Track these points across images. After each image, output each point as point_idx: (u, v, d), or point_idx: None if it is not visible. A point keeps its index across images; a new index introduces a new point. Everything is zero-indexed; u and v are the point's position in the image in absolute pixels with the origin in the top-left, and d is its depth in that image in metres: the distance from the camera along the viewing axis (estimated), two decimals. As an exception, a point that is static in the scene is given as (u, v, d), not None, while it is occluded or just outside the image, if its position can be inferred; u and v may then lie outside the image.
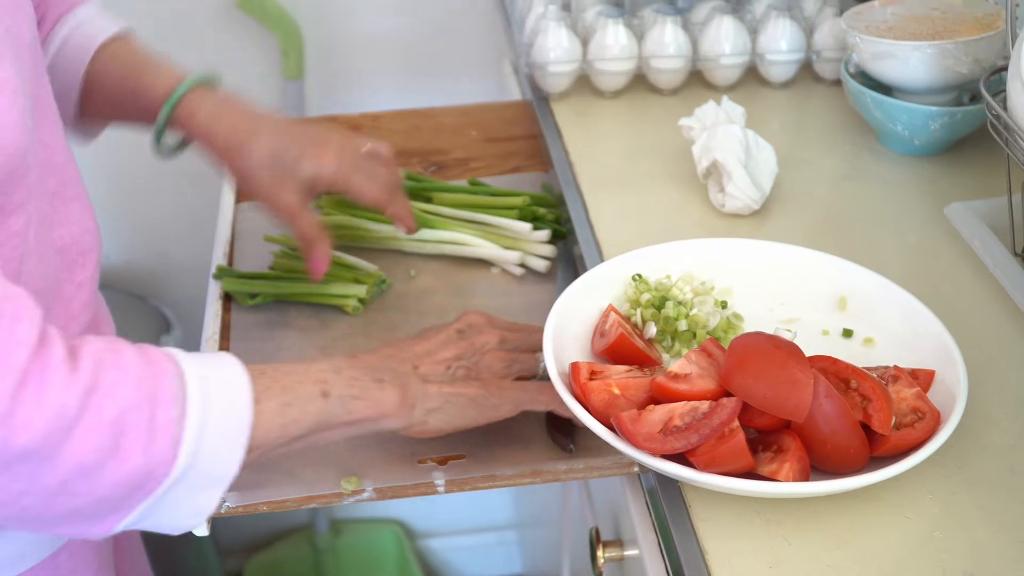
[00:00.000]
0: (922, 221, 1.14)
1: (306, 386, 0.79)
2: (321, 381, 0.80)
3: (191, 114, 1.01)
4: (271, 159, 1.00)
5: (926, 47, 1.17)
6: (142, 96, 1.01)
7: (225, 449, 0.73)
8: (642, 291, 0.98)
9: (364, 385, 0.82)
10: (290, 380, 0.78)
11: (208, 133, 1.01)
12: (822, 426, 0.79)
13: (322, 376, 0.80)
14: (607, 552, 0.99)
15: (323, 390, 0.79)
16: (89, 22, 1.03)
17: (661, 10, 1.37)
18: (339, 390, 0.80)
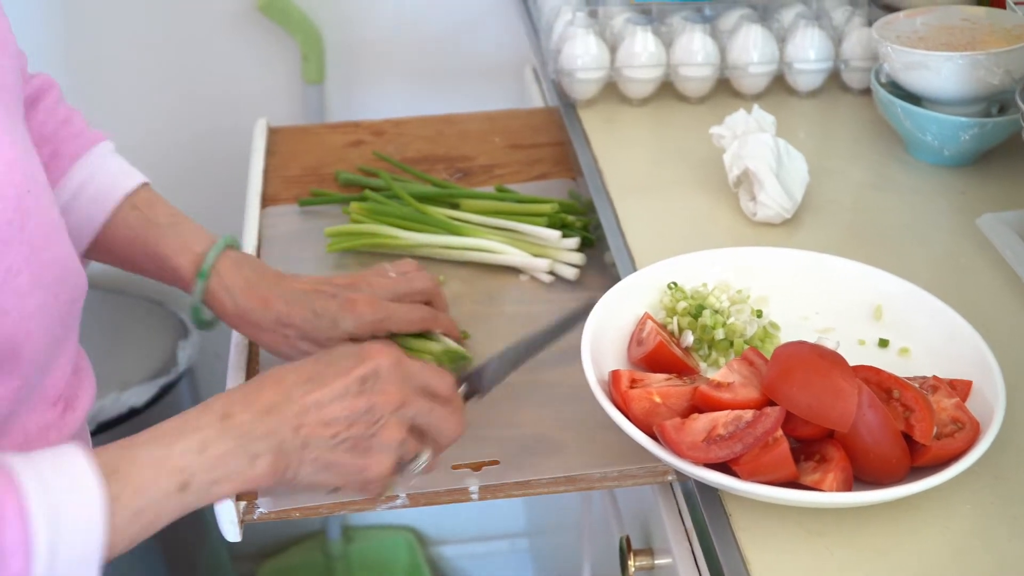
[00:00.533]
0: (952, 231, 1.14)
1: (162, 481, 0.72)
2: (180, 470, 0.73)
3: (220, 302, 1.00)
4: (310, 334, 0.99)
5: (958, 58, 1.17)
6: (164, 266, 1.01)
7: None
8: (678, 299, 0.98)
9: (231, 465, 0.75)
10: (145, 477, 0.71)
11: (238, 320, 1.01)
12: (865, 436, 0.79)
13: (182, 463, 0.73)
14: (638, 561, 0.98)
15: (182, 482, 0.73)
16: (107, 171, 1.01)
17: (689, 18, 1.37)
18: (201, 477, 0.73)
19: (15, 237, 0.76)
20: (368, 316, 0.99)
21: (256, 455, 0.75)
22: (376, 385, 0.81)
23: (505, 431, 0.97)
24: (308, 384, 0.79)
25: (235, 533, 0.90)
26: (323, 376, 0.80)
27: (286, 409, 0.78)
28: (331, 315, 0.99)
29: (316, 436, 0.78)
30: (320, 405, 0.79)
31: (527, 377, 1.04)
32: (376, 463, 0.81)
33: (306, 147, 1.42)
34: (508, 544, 2.28)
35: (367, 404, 0.80)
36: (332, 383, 0.79)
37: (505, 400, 1.01)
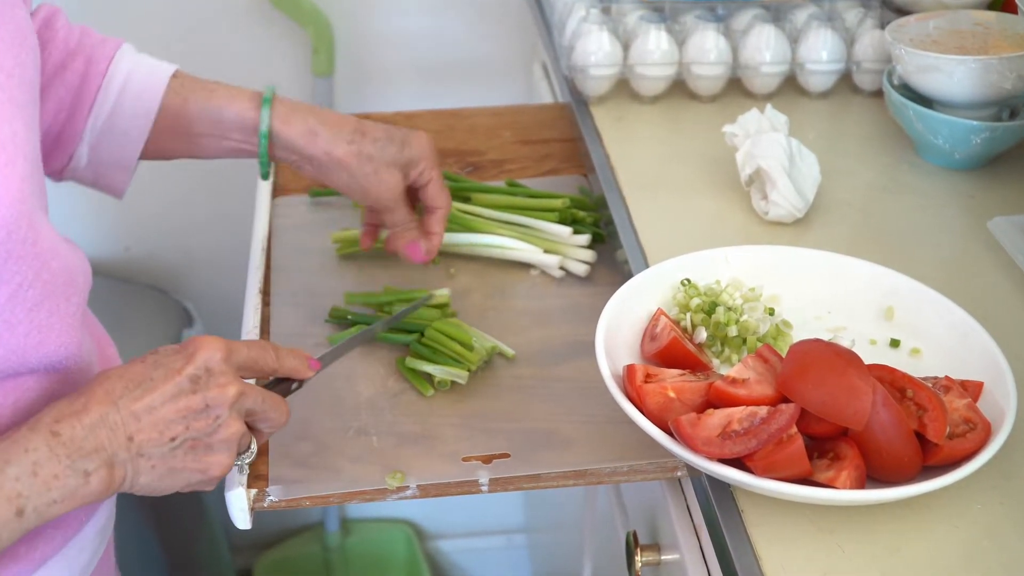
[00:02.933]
0: (962, 234, 1.15)
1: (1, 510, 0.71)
2: (15, 496, 0.71)
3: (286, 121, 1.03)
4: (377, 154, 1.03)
5: (971, 62, 1.17)
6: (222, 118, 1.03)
7: None
8: (692, 296, 0.98)
9: (65, 484, 0.73)
10: None
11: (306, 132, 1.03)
12: (878, 434, 0.79)
13: (16, 489, 0.71)
14: (644, 556, 0.99)
15: (18, 508, 0.71)
16: (142, 66, 1.03)
17: (702, 17, 1.37)
18: (36, 500, 0.72)
19: (28, 252, 0.76)
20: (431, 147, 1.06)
21: (88, 472, 0.74)
22: (210, 380, 0.79)
23: (515, 425, 0.98)
24: (137, 390, 0.77)
25: (246, 521, 0.90)
26: (152, 379, 0.77)
27: (115, 418, 0.75)
28: (400, 138, 1.04)
29: (151, 443, 0.77)
30: (151, 410, 0.76)
31: (537, 371, 1.04)
32: (217, 462, 0.80)
33: (317, 138, 1.42)
34: (506, 540, 2.28)
35: (202, 402, 0.78)
36: (162, 385, 0.77)
37: (516, 394, 1.02)
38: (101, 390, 0.76)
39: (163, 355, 0.79)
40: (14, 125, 0.75)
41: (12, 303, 0.76)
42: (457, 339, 1.04)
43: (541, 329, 1.10)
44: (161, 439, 0.77)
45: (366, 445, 0.96)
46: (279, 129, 1.02)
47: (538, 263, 1.17)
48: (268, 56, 1.85)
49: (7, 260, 0.74)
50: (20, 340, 0.78)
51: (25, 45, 0.80)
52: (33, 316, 0.78)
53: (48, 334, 0.80)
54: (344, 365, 1.04)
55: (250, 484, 0.91)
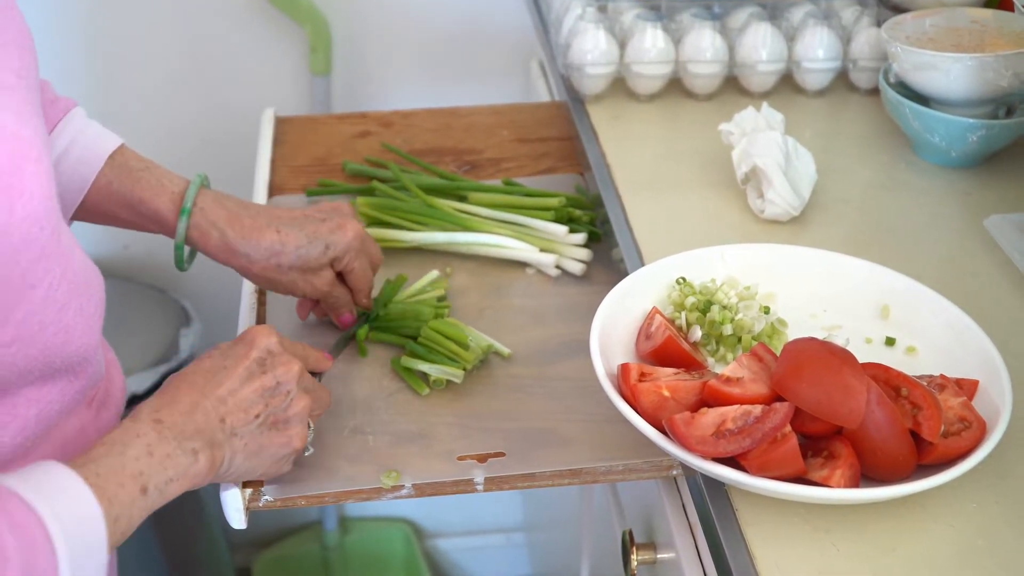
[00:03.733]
0: (959, 232, 1.15)
1: (128, 488, 0.74)
2: (138, 475, 0.75)
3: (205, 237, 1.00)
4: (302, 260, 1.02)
5: (967, 59, 1.17)
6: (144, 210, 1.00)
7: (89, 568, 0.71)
8: (687, 294, 0.98)
9: (178, 463, 0.78)
10: (113, 486, 0.73)
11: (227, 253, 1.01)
12: (873, 433, 0.79)
13: (137, 468, 0.75)
14: (640, 555, 0.99)
15: (142, 486, 0.75)
16: (88, 134, 1.00)
17: (699, 15, 1.37)
18: (156, 479, 0.76)
19: (56, 250, 0.76)
20: (357, 239, 1.03)
21: (195, 451, 0.79)
22: (275, 360, 0.86)
23: (511, 424, 0.98)
24: (215, 378, 0.84)
25: (241, 520, 0.90)
26: (224, 368, 0.85)
27: (206, 405, 0.82)
28: (323, 238, 1.02)
29: (241, 422, 0.83)
30: (233, 392, 0.83)
31: (533, 370, 1.04)
32: (297, 433, 0.87)
33: (314, 137, 1.42)
34: (504, 538, 2.28)
35: (273, 379, 0.85)
36: (235, 370, 0.84)
37: (512, 393, 1.02)
38: (184, 384, 0.83)
39: (225, 348, 0.87)
40: (35, 123, 0.74)
41: (45, 303, 0.76)
42: (453, 338, 1.03)
43: (537, 328, 1.10)
44: (247, 418, 0.83)
45: (361, 444, 0.96)
46: (196, 239, 1.00)
47: (534, 262, 1.17)
48: (266, 55, 1.85)
49: (40, 258, 0.74)
50: (49, 339, 0.78)
51: (28, 46, 0.80)
52: (61, 316, 0.78)
53: (72, 334, 0.80)
54: (339, 365, 1.05)
55: (246, 483, 0.91)
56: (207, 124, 1.87)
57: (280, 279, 1.02)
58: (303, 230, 1.02)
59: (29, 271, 0.73)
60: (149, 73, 1.84)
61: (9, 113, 0.72)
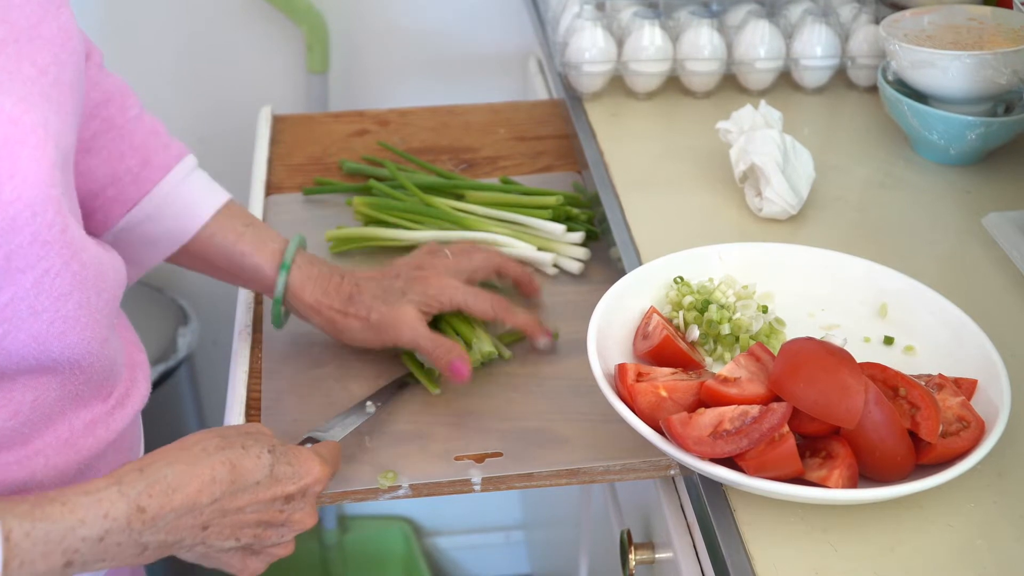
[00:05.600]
0: (957, 230, 1.14)
1: (51, 559, 0.71)
2: (72, 551, 0.72)
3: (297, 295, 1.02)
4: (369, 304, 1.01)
5: (966, 57, 1.17)
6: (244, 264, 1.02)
7: None
8: (684, 294, 0.98)
9: (123, 552, 0.74)
10: (35, 554, 0.70)
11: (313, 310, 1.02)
12: (871, 433, 0.79)
13: (76, 546, 0.72)
14: (638, 555, 0.98)
15: (68, 560, 0.72)
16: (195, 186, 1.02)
17: (696, 13, 1.37)
18: (87, 557, 0.73)
19: (57, 240, 0.75)
20: (434, 290, 1.01)
21: (147, 547, 0.75)
22: (300, 505, 0.83)
23: (508, 423, 0.98)
24: (239, 492, 0.79)
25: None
26: (258, 484, 0.80)
27: (201, 513, 0.77)
28: (397, 291, 1.01)
29: (219, 538, 0.79)
30: (239, 513, 0.79)
31: (531, 370, 1.04)
32: (254, 568, 0.84)
33: (311, 136, 1.42)
34: (504, 536, 2.28)
35: (282, 521, 0.82)
36: (263, 495, 0.80)
37: (509, 392, 1.01)
38: (207, 474, 0.77)
39: (280, 458, 0.82)
40: (47, 115, 0.74)
41: (37, 289, 0.75)
42: (462, 334, 1.03)
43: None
44: (227, 537, 0.80)
45: (358, 444, 0.95)
46: (293, 296, 1.02)
47: (532, 261, 1.17)
48: (263, 53, 1.84)
49: (32, 243, 0.73)
50: (44, 328, 0.77)
51: (67, 47, 0.80)
52: (60, 306, 0.77)
53: (73, 325, 0.79)
54: (335, 365, 1.04)
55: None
56: (204, 122, 1.87)
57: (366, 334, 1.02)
58: (381, 283, 1.02)
59: (16, 254, 0.72)
60: (146, 72, 1.84)
61: (11, 98, 0.71)
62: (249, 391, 1.02)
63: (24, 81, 0.74)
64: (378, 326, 1.01)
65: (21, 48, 0.75)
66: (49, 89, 0.76)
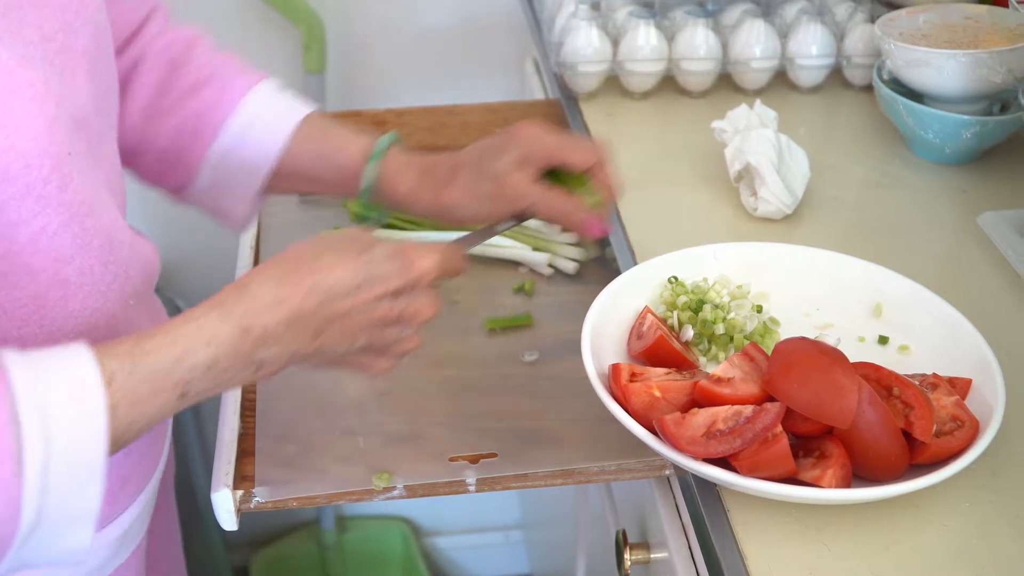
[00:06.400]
0: (953, 229, 1.14)
1: (163, 395, 0.69)
2: (183, 384, 0.70)
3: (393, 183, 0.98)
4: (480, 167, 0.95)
5: (961, 56, 1.17)
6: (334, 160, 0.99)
7: (75, 493, 0.65)
8: (679, 294, 0.97)
9: (235, 376, 0.73)
10: (144, 391, 0.68)
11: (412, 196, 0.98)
12: (864, 433, 0.79)
13: (188, 377, 0.70)
14: (634, 555, 0.98)
15: (181, 393, 0.70)
16: (277, 102, 1.01)
17: (692, 12, 1.37)
18: (201, 386, 0.71)
19: (54, 197, 0.73)
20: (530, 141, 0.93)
21: (262, 364, 0.73)
22: (413, 297, 0.79)
23: (503, 424, 0.97)
24: (342, 296, 0.75)
25: (232, 522, 0.90)
26: (359, 287, 0.76)
27: (312, 321, 0.74)
28: (496, 147, 0.94)
29: (334, 343, 0.76)
30: (347, 317, 0.76)
31: (526, 370, 1.04)
32: (381, 366, 0.81)
33: (306, 136, 1.42)
34: (503, 536, 2.28)
35: (398, 317, 0.78)
36: (368, 295, 0.76)
37: (504, 393, 1.01)
38: (307, 284, 0.74)
39: (379, 258, 0.77)
40: (48, 76, 0.72)
41: (34, 247, 0.74)
42: None
43: (530, 327, 1.09)
44: (342, 342, 0.77)
45: (353, 445, 0.95)
46: (386, 187, 0.98)
47: (527, 261, 1.17)
48: (260, 53, 1.84)
49: (26, 196, 0.72)
50: (43, 290, 0.76)
51: (81, 15, 0.79)
52: (59, 268, 0.76)
53: (73, 291, 0.77)
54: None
55: (236, 485, 0.90)
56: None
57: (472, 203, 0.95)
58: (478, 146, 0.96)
59: (9, 205, 0.71)
60: (143, 72, 1.84)
61: (10, 53, 0.70)
62: (244, 392, 1.02)
63: (26, 44, 0.73)
64: (490, 197, 0.94)
65: (25, 14, 0.74)
66: (54, 55, 0.75)
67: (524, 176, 0.93)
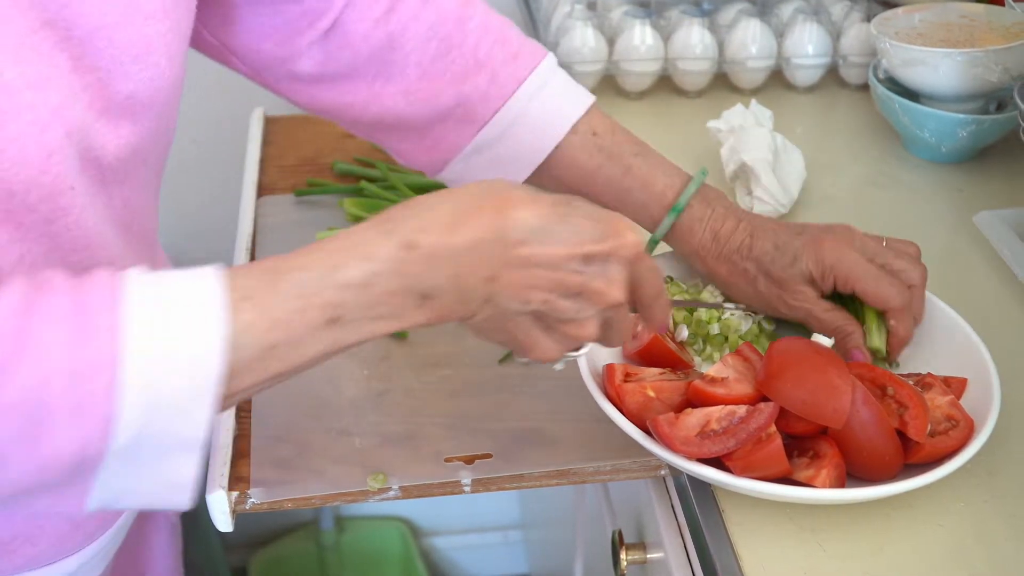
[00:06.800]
0: (949, 229, 1.14)
1: (309, 315, 0.61)
2: (334, 306, 0.61)
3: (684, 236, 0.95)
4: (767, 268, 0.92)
5: (956, 55, 1.16)
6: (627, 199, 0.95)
7: (180, 416, 0.58)
8: (673, 294, 0.97)
9: (398, 304, 0.63)
10: (286, 309, 0.60)
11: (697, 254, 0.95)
12: (858, 433, 0.79)
13: (338, 298, 0.61)
14: (630, 555, 0.98)
15: (332, 317, 0.62)
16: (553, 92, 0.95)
17: (688, 11, 1.37)
18: (357, 313, 0.62)
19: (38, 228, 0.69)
20: (831, 259, 0.89)
21: (428, 296, 0.64)
22: (601, 271, 0.68)
23: (498, 424, 0.97)
24: (529, 238, 0.65)
25: (227, 523, 0.90)
26: (550, 235, 0.66)
27: (490, 253, 0.64)
28: (793, 251, 0.90)
29: (505, 295, 0.66)
30: (528, 264, 0.65)
31: (522, 370, 1.04)
32: (546, 348, 0.70)
33: (303, 136, 1.42)
34: (501, 536, 2.28)
35: (579, 287, 0.67)
36: (555, 247, 0.66)
37: (499, 393, 1.01)
38: (492, 212, 0.64)
39: (580, 214, 0.67)
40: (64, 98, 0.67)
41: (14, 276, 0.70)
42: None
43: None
44: (515, 296, 0.66)
45: (348, 446, 0.95)
46: (676, 237, 0.95)
47: (523, 261, 1.17)
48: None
49: (5, 221, 0.67)
50: None
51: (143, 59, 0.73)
52: None
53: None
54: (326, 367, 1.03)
55: (232, 486, 0.90)
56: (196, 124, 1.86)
57: (745, 287, 0.93)
58: (775, 237, 0.92)
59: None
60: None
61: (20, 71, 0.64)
62: (240, 393, 1.01)
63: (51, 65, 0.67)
64: (768, 299, 0.92)
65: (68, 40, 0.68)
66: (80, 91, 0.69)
67: (812, 293, 0.90)
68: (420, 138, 0.95)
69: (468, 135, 0.94)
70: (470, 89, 0.92)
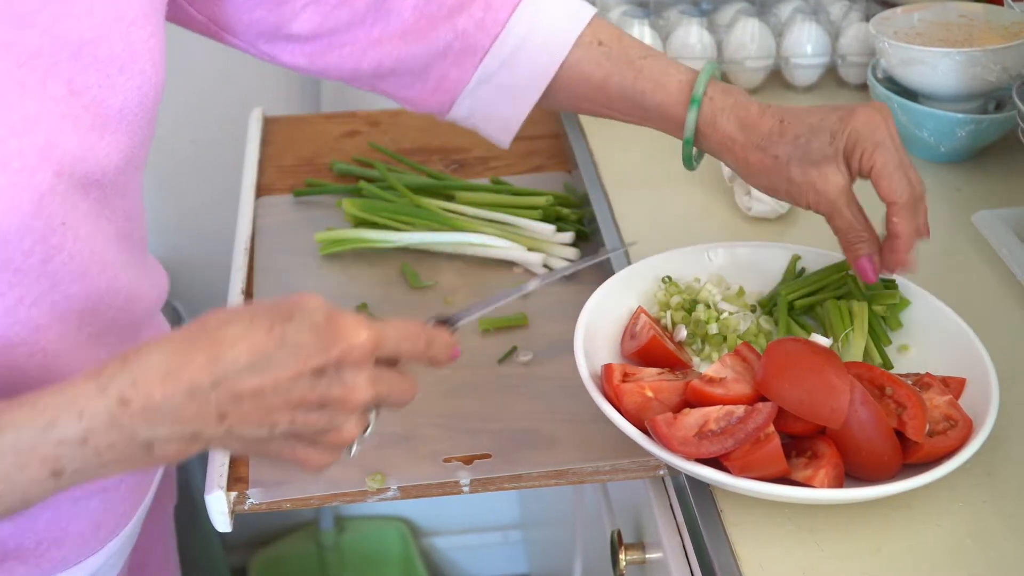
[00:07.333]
0: (948, 228, 1.14)
1: (30, 471, 0.61)
2: (53, 459, 0.61)
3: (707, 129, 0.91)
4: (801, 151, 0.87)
5: (955, 54, 1.16)
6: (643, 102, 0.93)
7: None
8: (672, 294, 0.97)
9: (122, 453, 0.62)
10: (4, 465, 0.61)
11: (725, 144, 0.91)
12: (856, 433, 0.79)
13: (56, 452, 0.61)
14: (629, 555, 0.98)
15: (54, 470, 0.61)
16: (551, 13, 0.93)
17: (686, 11, 1.37)
18: (81, 463, 0.62)
19: (35, 269, 0.70)
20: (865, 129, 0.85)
21: (153, 445, 0.63)
22: (336, 378, 0.65)
23: (498, 424, 0.97)
24: (249, 371, 0.62)
25: (226, 524, 0.90)
26: (270, 362, 0.63)
27: (208, 398, 0.62)
28: (829, 127, 0.86)
29: (248, 426, 0.64)
30: (257, 395, 0.63)
31: (521, 370, 1.04)
32: (318, 459, 0.68)
33: (302, 137, 1.42)
34: (501, 536, 2.28)
35: (320, 401, 0.65)
36: (281, 373, 0.63)
37: (499, 393, 1.01)
38: (204, 356, 0.62)
39: (296, 329, 0.63)
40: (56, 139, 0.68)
41: (11, 319, 0.71)
42: None
43: (524, 328, 1.09)
44: (260, 425, 0.64)
45: (346, 446, 0.95)
46: (702, 133, 0.92)
47: (522, 261, 1.17)
48: (255, 54, 1.84)
49: (4, 269, 0.69)
50: (23, 360, 0.72)
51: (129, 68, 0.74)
52: (39, 337, 0.73)
53: (53, 360, 0.74)
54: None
55: (230, 487, 0.90)
56: (195, 124, 1.86)
57: (775, 175, 0.88)
58: (807, 118, 0.88)
59: None
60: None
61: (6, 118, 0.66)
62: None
63: (42, 99, 0.68)
64: (798, 186, 0.88)
65: (57, 64, 0.69)
66: (81, 111, 0.71)
67: (843, 180, 0.86)
68: (423, 81, 0.95)
69: (470, 68, 0.93)
70: (465, 20, 0.92)
